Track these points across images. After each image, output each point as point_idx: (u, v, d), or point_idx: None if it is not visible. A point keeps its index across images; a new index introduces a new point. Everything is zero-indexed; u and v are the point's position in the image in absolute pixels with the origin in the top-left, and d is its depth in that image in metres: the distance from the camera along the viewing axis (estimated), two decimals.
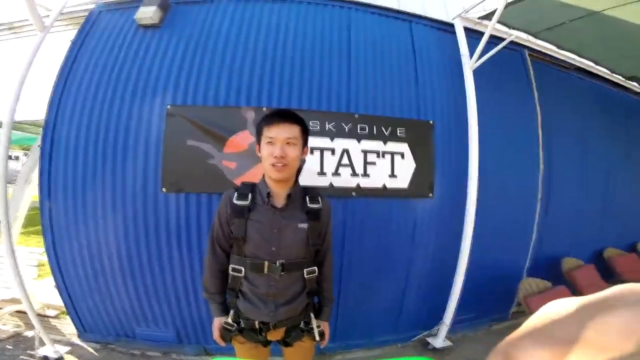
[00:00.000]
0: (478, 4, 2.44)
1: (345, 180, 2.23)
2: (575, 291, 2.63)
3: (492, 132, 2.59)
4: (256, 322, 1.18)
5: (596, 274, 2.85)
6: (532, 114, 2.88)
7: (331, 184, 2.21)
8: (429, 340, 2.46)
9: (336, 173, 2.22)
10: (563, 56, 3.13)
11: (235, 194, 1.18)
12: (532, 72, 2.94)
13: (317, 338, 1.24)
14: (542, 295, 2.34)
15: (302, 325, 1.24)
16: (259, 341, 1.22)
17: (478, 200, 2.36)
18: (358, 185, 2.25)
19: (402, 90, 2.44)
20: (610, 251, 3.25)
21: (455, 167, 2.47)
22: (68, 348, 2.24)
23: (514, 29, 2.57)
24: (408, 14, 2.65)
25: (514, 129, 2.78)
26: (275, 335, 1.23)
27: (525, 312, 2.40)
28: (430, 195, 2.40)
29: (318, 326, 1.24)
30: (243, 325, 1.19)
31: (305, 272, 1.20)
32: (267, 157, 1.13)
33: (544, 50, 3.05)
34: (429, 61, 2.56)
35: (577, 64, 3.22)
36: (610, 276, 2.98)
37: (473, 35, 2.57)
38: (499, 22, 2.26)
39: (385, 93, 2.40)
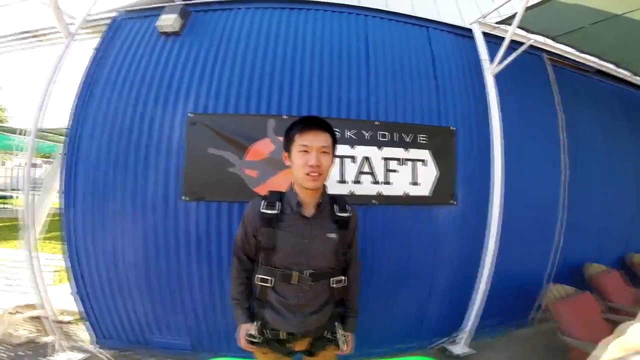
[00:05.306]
0: (496, 9, 2.42)
1: (366, 188, 2.21)
2: (601, 297, 2.57)
3: (513, 137, 2.55)
4: (282, 333, 1.15)
5: (621, 280, 2.79)
6: (554, 118, 2.84)
7: (352, 192, 2.19)
8: (449, 347, 2.41)
9: (357, 181, 2.20)
10: (583, 59, 3.09)
11: (264, 203, 1.16)
12: (552, 76, 2.90)
13: (343, 347, 1.21)
14: (567, 301, 2.29)
15: (327, 334, 1.22)
16: (282, 351, 1.19)
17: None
18: (379, 192, 2.23)
19: (422, 96, 2.42)
20: (636, 257, 3.17)
21: (478, 174, 2.44)
22: (82, 355, 2.22)
23: (532, 33, 2.54)
24: (425, 19, 2.64)
25: (535, 134, 2.74)
26: (300, 345, 1.21)
27: (548, 318, 2.34)
28: (453, 202, 2.37)
29: (343, 335, 1.22)
30: (268, 336, 1.17)
31: (332, 281, 1.18)
32: (301, 166, 1.09)
33: (563, 54, 3.02)
34: (449, 66, 2.54)
35: (598, 67, 3.18)
36: (636, 282, 2.91)
37: (490, 40, 2.56)
38: (517, 26, 2.24)
39: (405, 99, 2.38)
